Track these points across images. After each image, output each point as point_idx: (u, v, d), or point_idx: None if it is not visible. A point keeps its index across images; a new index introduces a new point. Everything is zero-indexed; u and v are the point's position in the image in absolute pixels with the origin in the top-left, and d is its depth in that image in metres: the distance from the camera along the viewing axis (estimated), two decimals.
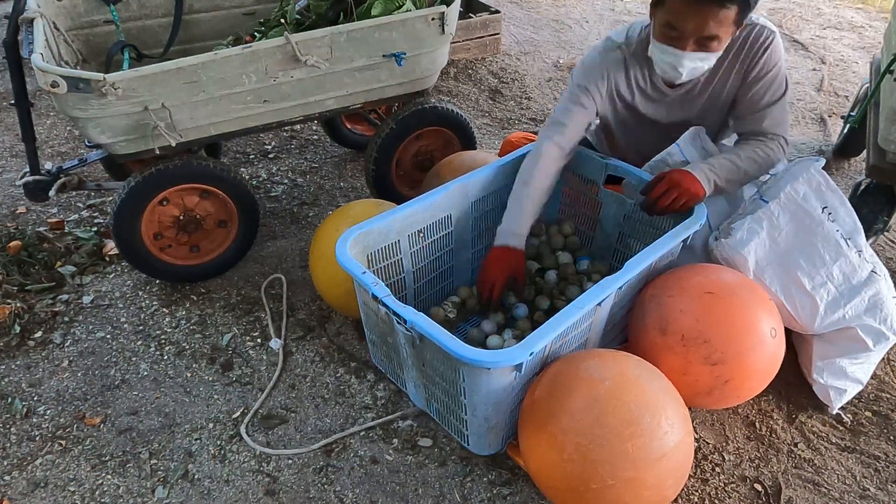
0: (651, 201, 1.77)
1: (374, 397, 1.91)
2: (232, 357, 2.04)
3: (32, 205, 2.62)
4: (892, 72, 2.10)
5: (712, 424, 1.83)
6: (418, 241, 1.90)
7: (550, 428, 1.42)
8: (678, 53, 1.67)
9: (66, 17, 2.29)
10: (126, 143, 1.94)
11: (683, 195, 1.73)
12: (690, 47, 1.65)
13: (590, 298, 1.53)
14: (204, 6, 2.51)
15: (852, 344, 1.79)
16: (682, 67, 1.69)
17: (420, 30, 2.10)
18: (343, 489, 1.67)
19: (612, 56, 1.85)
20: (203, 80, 1.89)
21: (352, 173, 2.92)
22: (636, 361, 1.52)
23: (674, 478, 1.41)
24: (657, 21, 1.68)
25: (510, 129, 3.29)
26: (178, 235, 2.18)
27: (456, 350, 1.39)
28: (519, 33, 4.28)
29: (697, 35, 1.62)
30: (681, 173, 1.74)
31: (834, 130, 3.28)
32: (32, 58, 1.77)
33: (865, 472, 1.73)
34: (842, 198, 1.78)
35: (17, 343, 2.06)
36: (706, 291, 1.64)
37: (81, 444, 1.78)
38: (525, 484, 1.67)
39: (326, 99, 2.14)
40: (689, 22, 1.61)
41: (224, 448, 1.77)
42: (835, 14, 4.72)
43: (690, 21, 1.60)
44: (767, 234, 1.76)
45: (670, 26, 1.64)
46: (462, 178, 1.93)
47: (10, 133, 3.10)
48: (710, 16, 1.58)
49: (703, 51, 1.66)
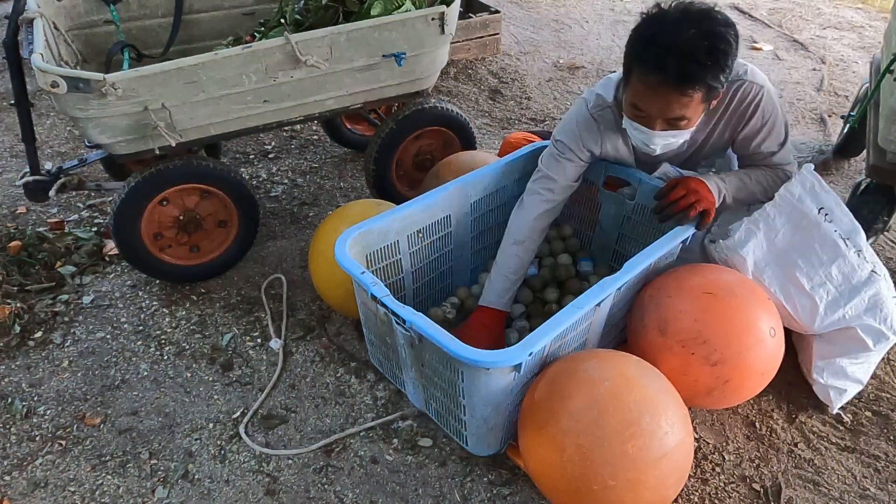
0: (665, 204, 1.73)
1: (374, 397, 1.91)
2: (232, 357, 2.04)
3: (32, 205, 2.63)
4: (892, 72, 2.10)
5: (712, 424, 1.83)
6: (417, 241, 1.90)
7: (550, 429, 1.42)
8: (647, 132, 1.62)
9: (66, 17, 2.29)
10: (126, 143, 1.94)
11: (701, 202, 1.69)
12: (660, 126, 1.59)
13: (589, 299, 1.53)
14: (204, 6, 2.51)
15: (852, 344, 1.79)
16: (653, 144, 1.65)
17: (420, 30, 2.10)
18: (343, 489, 1.68)
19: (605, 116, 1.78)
20: (203, 80, 1.89)
21: (352, 173, 2.92)
22: (636, 362, 1.52)
23: (674, 478, 1.41)
24: (626, 98, 1.63)
25: (510, 129, 3.29)
26: (178, 235, 2.19)
27: (455, 350, 1.39)
28: (519, 33, 4.28)
29: (663, 117, 1.57)
30: (696, 181, 1.72)
31: (834, 130, 3.28)
32: (32, 58, 1.76)
33: (865, 472, 1.73)
34: (836, 198, 1.78)
35: (17, 343, 2.06)
36: (705, 292, 1.64)
37: (81, 444, 1.78)
38: (525, 484, 1.67)
39: (326, 99, 2.14)
40: (652, 106, 1.56)
41: (224, 448, 1.77)
42: (835, 14, 4.72)
43: (654, 105, 1.55)
44: (764, 235, 1.76)
45: (636, 107, 1.59)
46: (461, 179, 1.93)
47: (10, 133, 3.11)
48: (672, 101, 1.52)
49: (673, 129, 1.60)
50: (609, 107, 1.78)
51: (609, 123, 1.80)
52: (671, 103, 1.53)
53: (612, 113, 1.78)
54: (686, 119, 1.57)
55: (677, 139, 1.65)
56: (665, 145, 1.66)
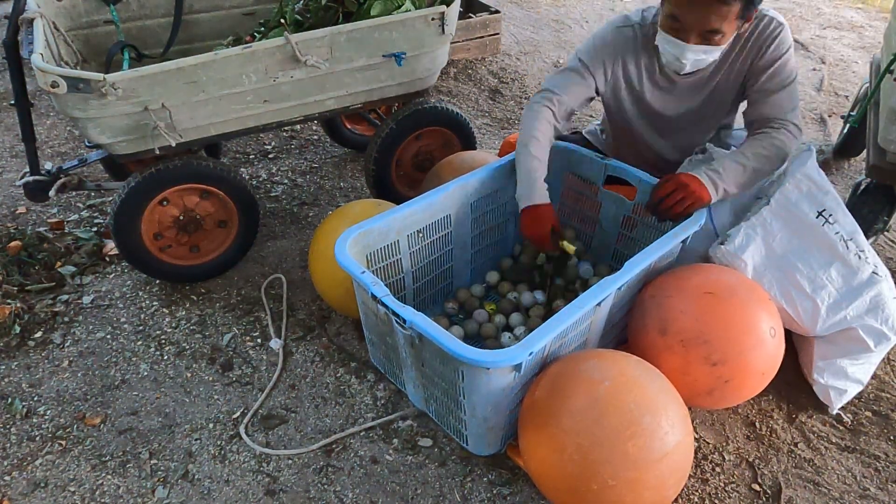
0: (656, 201, 1.76)
1: (374, 397, 1.91)
2: (232, 357, 2.04)
3: (32, 205, 2.63)
4: (892, 72, 2.10)
5: (712, 424, 1.83)
6: (417, 241, 1.90)
7: (551, 428, 1.42)
8: (682, 45, 1.68)
9: (66, 17, 2.29)
10: (126, 143, 1.94)
11: (689, 198, 1.71)
12: (694, 40, 1.66)
13: (589, 298, 1.53)
14: (204, 6, 2.51)
15: (853, 344, 1.79)
16: (685, 59, 1.70)
17: (420, 30, 2.10)
18: (343, 489, 1.67)
19: (626, 34, 1.84)
20: (203, 81, 1.89)
21: (352, 173, 2.92)
22: (636, 362, 1.52)
23: (674, 478, 1.41)
24: (663, 11, 1.69)
25: (510, 130, 3.29)
26: (178, 235, 2.18)
27: (455, 350, 1.38)
28: (519, 33, 4.28)
29: (700, 29, 1.63)
30: (688, 177, 1.73)
31: (834, 130, 3.28)
32: (32, 58, 1.76)
33: (865, 472, 1.73)
34: (837, 199, 1.78)
35: (17, 343, 2.06)
36: (706, 292, 1.64)
37: (81, 444, 1.78)
38: (525, 484, 1.67)
39: (326, 99, 2.14)
40: (691, 15, 1.62)
41: (224, 448, 1.77)
42: (835, 14, 4.72)
43: (693, 15, 1.61)
44: (762, 239, 1.76)
45: (674, 18, 1.65)
46: (461, 179, 1.93)
47: (10, 133, 3.11)
48: (712, 10, 1.59)
49: (706, 44, 1.67)
50: (632, 25, 1.83)
51: (628, 41, 1.84)
52: (710, 13, 1.59)
53: (634, 32, 1.83)
54: (721, 34, 1.63)
55: (708, 56, 1.71)
56: (696, 61, 1.72)
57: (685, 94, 1.89)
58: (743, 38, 1.77)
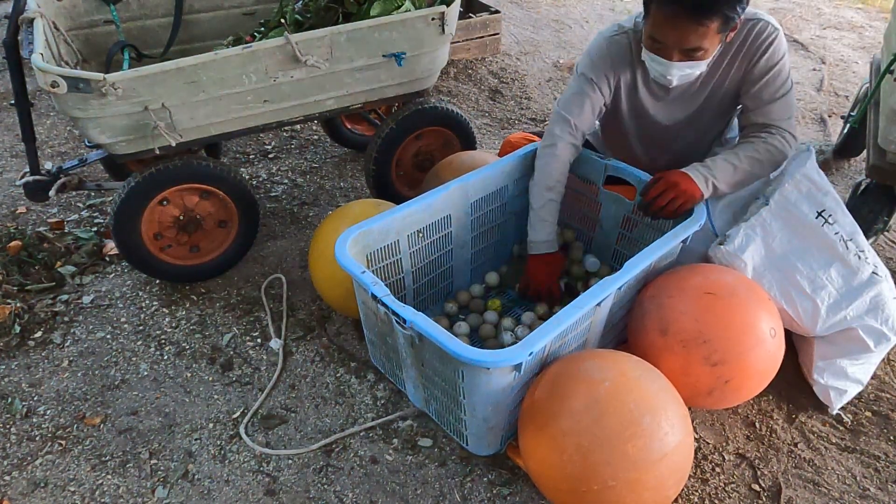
0: (648, 201, 1.76)
1: (374, 397, 1.91)
2: (232, 357, 2.04)
3: (32, 205, 2.63)
4: (892, 72, 2.10)
5: (712, 424, 1.83)
6: (418, 241, 1.90)
7: (550, 429, 1.42)
8: (665, 63, 1.67)
9: (66, 17, 2.29)
10: (126, 143, 1.94)
11: (680, 196, 1.72)
12: (677, 57, 1.65)
13: (589, 298, 1.53)
14: (204, 6, 2.51)
15: (853, 345, 1.80)
16: (670, 76, 1.69)
17: (420, 30, 2.10)
18: (343, 489, 1.67)
19: (620, 42, 1.82)
20: (203, 80, 1.89)
21: (352, 173, 2.92)
22: (636, 362, 1.52)
23: (674, 478, 1.41)
24: (644, 31, 1.68)
25: (510, 130, 3.29)
26: (178, 235, 2.18)
27: (455, 350, 1.38)
28: (519, 33, 4.28)
29: (680, 47, 1.62)
30: (678, 174, 1.74)
31: (834, 130, 3.28)
32: (32, 58, 1.76)
33: (865, 472, 1.73)
34: (837, 199, 1.78)
35: (17, 343, 2.06)
36: (706, 292, 1.64)
37: (81, 444, 1.78)
38: (525, 484, 1.67)
39: (326, 99, 2.14)
40: (670, 37, 1.61)
41: (224, 448, 1.77)
42: (835, 14, 4.72)
43: (672, 36, 1.60)
44: (762, 240, 1.76)
45: (654, 38, 1.64)
46: (461, 179, 1.93)
47: (10, 133, 3.10)
48: (689, 31, 1.57)
49: (689, 60, 1.65)
50: (626, 32, 1.82)
51: (623, 49, 1.83)
52: (688, 33, 1.58)
53: (628, 39, 1.82)
54: (702, 49, 1.62)
55: (694, 70, 1.70)
56: (682, 76, 1.71)
57: (679, 101, 1.89)
58: (735, 46, 1.76)
